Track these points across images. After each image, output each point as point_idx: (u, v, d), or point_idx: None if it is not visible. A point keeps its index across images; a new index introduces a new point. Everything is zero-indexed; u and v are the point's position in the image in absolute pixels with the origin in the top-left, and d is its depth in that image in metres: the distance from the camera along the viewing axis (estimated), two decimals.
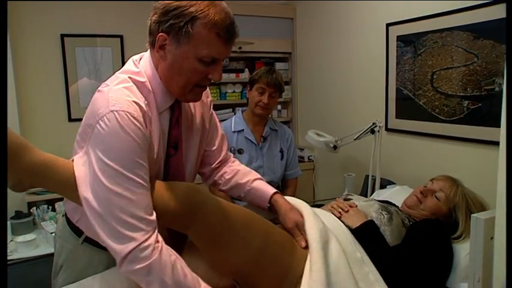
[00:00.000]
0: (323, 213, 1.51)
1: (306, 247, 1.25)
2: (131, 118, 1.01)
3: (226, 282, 1.26)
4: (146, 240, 0.98)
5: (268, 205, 1.41)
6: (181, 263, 1.03)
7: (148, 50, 1.17)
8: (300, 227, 1.31)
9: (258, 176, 1.48)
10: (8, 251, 2.13)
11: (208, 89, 1.35)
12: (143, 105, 1.08)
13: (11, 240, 2.21)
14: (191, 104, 1.29)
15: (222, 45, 1.07)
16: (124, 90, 1.07)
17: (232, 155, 1.56)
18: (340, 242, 1.32)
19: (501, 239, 0.80)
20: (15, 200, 2.52)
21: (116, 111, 1.01)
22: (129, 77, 1.12)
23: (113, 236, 0.97)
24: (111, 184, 0.97)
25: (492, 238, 0.85)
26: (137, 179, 1.00)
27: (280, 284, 1.18)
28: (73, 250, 1.27)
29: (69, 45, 2.86)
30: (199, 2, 1.04)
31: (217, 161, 1.47)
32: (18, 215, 2.38)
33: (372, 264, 1.32)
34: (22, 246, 2.16)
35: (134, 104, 1.05)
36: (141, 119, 1.04)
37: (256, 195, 1.42)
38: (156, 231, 1.02)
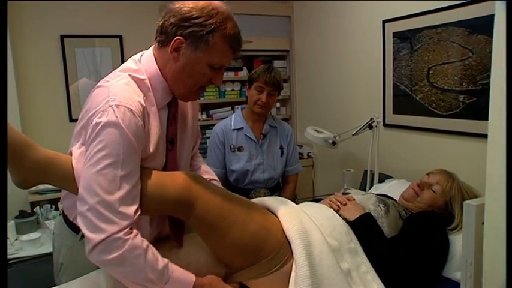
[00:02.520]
0: (318, 206, 1.55)
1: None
2: (128, 113, 1.06)
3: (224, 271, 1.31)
4: (118, 232, 1.02)
5: None
6: (152, 250, 1.08)
7: (151, 48, 1.23)
8: None
9: (215, 177, 1.55)
10: (13, 249, 2.17)
11: None
12: (142, 102, 1.13)
13: (16, 239, 2.24)
14: (186, 102, 1.36)
15: (231, 55, 1.20)
16: (124, 87, 1.12)
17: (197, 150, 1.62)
18: (335, 232, 1.37)
19: (491, 223, 0.84)
20: (19, 200, 2.55)
21: (115, 105, 1.06)
22: (129, 75, 1.17)
23: (87, 225, 1.03)
24: (97, 175, 1.03)
25: (483, 223, 0.89)
26: (123, 173, 1.05)
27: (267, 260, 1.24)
28: (72, 247, 1.29)
29: (69, 46, 2.89)
30: (217, 13, 1.14)
31: (192, 152, 1.55)
32: (22, 214, 2.41)
33: (364, 255, 1.36)
34: (27, 245, 2.19)
35: (133, 100, 1.10)
36: (139, 115, 1.09)
37: None
38: (131, 224, 1.05)
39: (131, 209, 1.06)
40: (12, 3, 2.64)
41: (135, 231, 1.07)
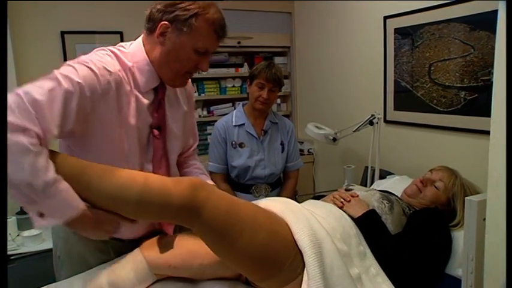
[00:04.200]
0: (326, 206, 1.52)
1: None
2: (91, 69, 1.11)
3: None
4: (22, 127, 0.96)
5: None
6: (46, 162, 0.99)
7: (141, 36, 1.28)
8: None
9: (209, 180, 1.52)
10: (15, 245, 2.18)
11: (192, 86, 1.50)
12: (114, 72, 1.16)
13: (17, 235, 2.25)
14: (177, 91, 1.38)
15: (215, 40, 1.24)
16: (99, 55, 1.19)
17: (197, 150, 1.62)
18: (345, 234, 1.35)
19: (493, 219, 0.85)
20: None
21: (81, 63, 1.12)
22: (111, 50, 1.22)
23: (10, 109, 0.97)
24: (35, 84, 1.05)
25: (484, 219, 0.90)
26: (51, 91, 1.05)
27: (279, 271, 1.19)
28: (67, 239, 1.33)
29: (69, 42, 2.88)
30: (200, 1, 1.19)
31: (191, 150, 1.56)
32: (24, 210, 2.42)
33: (373, 257, 1.34)
34: (28, 241, 2.20)
35: (103, 65, 1.14)
36: (102, 78, 1.12)
37: None
38: (38, 134, 0.98)
39: (43, 122, 1.00)
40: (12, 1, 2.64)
41: (41, 147, 0.98)
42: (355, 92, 2.88)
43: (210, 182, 1.44)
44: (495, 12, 1.87)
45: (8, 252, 2.12)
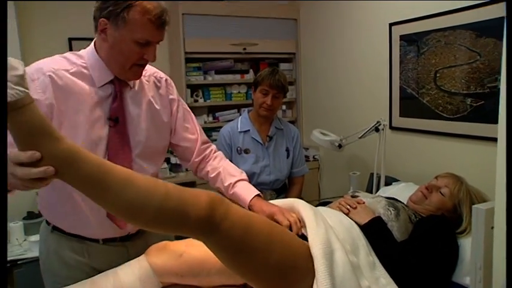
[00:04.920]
0: (336, 214, 1.50)
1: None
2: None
3: None
4: None
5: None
6: None
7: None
8: (274, 215, 1.33)
9: (239, 177, 1.50)
10: (22, 250, 2.19)
11: (172, 83, 1.52)
12: (52, 73, 1.21)
13: (24, 240, 2.26)
14: (142, 87, 1.39)
15: (154, 29, 1.23)
16: (46, 59, 1.26)
17: (214, 148, 1.59)
18: (354, 246, 1.33)
19: (500, 228, 0.84)
20: (27, 201, 2.57)
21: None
22: (64, 55, 1.30)
23: None
24: None
25: (492, 227, 0.89)
26: None
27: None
28: (46, 239, 1.40)
29: (76, 49, 2.90)
30: None
31: (195, 155, 1.53)
32: (30, 215, 2.43)
33: (383, 268, 1.33)
34: (35, 246, 2.21)
35: (40, 70, 1.21)
36: (35, 83, 1.18)
37: (238, 202, 1.44)
38: None
39: None
40: (22, 7, 2.67)
41: None
42: (361, 98, 2.88)
43: (254, 190, 1.44)
44: (501, 19, 1.88)
45: (15, 257, 2.14)
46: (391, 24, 2.54)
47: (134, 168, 1.33)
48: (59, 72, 1.23)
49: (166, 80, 1.50)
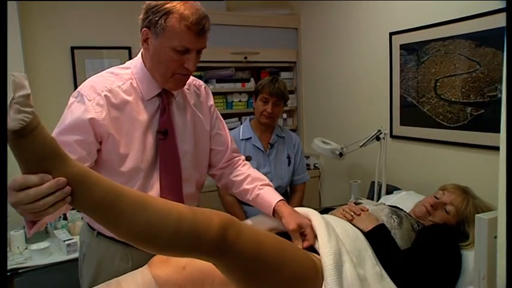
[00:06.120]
0: (341, 224, 1.49)
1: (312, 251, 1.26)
2: (80, 98, 1.23)
3: None
4: None
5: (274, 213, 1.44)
6: None
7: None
8: (303, 228, 1.33)
9: (266, 181, 1.52)
10: (23, 258, 2.18)
11: (209, 90, 1.55)
12: (107, 92, 1.24)
13: (25, 248, 2.25)
14: (184, 96, 1.42)
15: (193, 36, 1.22)
16: (96, 78, 1.29)
17: (243, 158, 1.62)
18: (360, 257, 1.32)
19: (504, 237, 0.84)
20: None
21: (78, 91, 1.26)
22: (111, 69, 1.33)
23: None
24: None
25: (495, 237, 0.89)
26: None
27: None
28: (90, 243, 1.42)
29: (79, 57, 2.93)
30: (175, 1, 1.22)
31: (223, 162, 1.55)
32: None
33: (390, 279, 1.32)
34: (36, 254, 2.20)
35: (94, 90, 1.24)
36: (92, 103, 1.22)
37: (261, 203, 1.47)
38: None
39: None
40: (24, 16, 2.69)
41: None
42: (361, 107, 2.90)
43: (279, 196, 1.45)
44: (500, 29, 1.90)
45: (16, 266, 2.13)
46: (391, 34, 2.56)
47: (183, 177, 1.38)
48: (113, 91, 1.26)
49: (205, 87, 1.53)
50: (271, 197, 1.46)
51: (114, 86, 1.27)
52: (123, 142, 1.26)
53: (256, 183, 1.50)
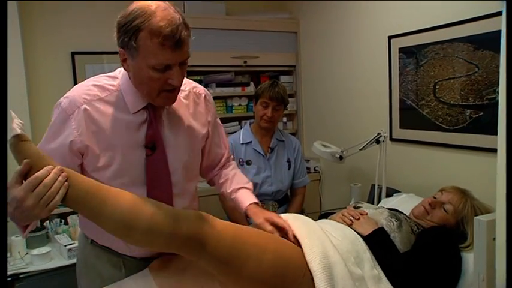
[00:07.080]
0: (340, 228, 1.51)
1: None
2: (61, 107, 1.23)
3: None
4: None
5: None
6: None
7: None
8: (270, 220, 1.34)
9: (244, 185, 1.50)
10: (24, 263, 2.18)
11: (211, 98, 1.44)
12: (86, 105, 1.20)
13: (26, 254, 2.26)
14: (179, 105, 1.32)
15: (169, 52, 1.08)
16: (79, 87, 1.25)
17: (231, 159, 1.61)
18: (359, 258, 1.33)
19: (502, 239, 0.84)
20: None
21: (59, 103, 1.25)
22: (97, 78, 1.27)
23: None
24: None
25: (494, 239, 0.89)
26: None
27: None
28: (84, 250, 1.42)
29: (79, 62, 2.94)
30: (140, 13, 1.07)
31: (216, 169, 1.55)
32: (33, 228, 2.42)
33: (388, 282, 1.33)
34: (37, 259, 2.20)
35: (74, 103, 1.20)
36: (72, 122, 1.19)
37: (236, 206, 1.48)
38: None
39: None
40: (25, 21, 2.71)
41: None
42: (361, 110, 2.90)
43: (253, 198, 1.45)
44: (498, 32, 1.90)
45: (17, 271, 2.13)
46: (390, 37, 2.57)
47: (174, 192, 1.31)
48: (94, 103, 1.19)
49: (205, 96, 1.41)
50: (245, 199, 1.45)
51: (94, 98, 1.20)
52: (102, 156, 1.20)
53: (234, 186, 1.49)
